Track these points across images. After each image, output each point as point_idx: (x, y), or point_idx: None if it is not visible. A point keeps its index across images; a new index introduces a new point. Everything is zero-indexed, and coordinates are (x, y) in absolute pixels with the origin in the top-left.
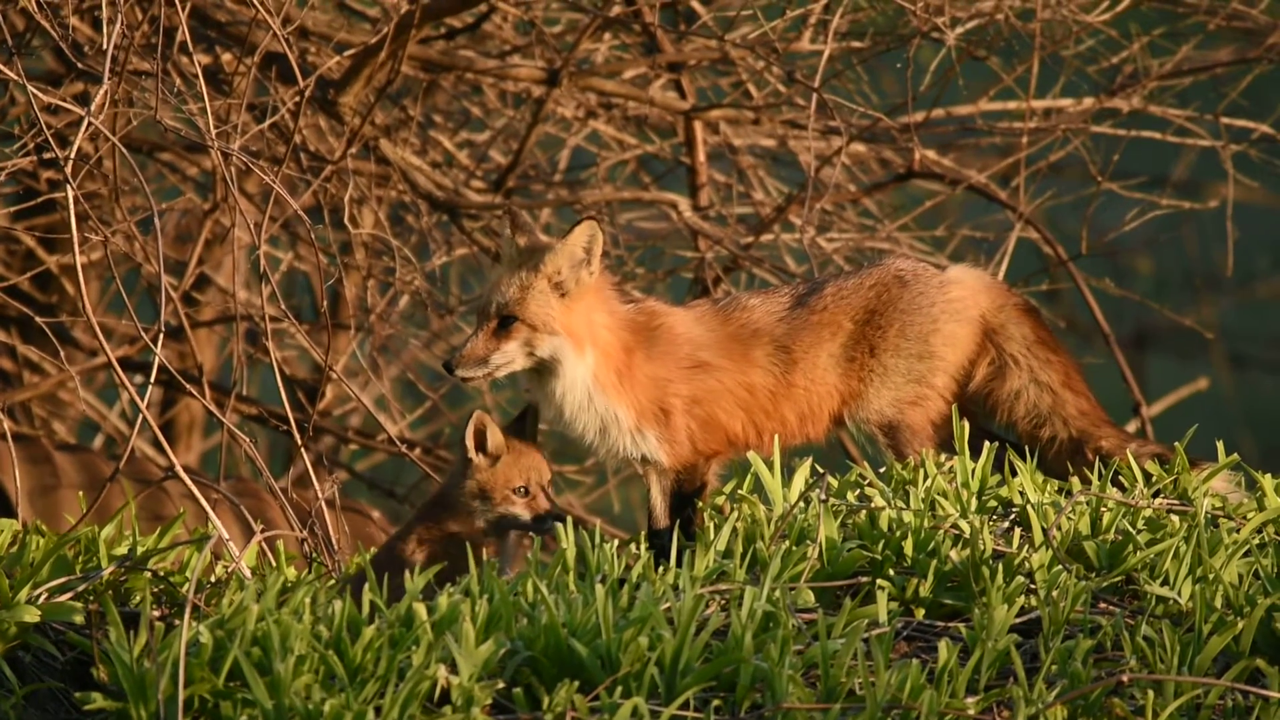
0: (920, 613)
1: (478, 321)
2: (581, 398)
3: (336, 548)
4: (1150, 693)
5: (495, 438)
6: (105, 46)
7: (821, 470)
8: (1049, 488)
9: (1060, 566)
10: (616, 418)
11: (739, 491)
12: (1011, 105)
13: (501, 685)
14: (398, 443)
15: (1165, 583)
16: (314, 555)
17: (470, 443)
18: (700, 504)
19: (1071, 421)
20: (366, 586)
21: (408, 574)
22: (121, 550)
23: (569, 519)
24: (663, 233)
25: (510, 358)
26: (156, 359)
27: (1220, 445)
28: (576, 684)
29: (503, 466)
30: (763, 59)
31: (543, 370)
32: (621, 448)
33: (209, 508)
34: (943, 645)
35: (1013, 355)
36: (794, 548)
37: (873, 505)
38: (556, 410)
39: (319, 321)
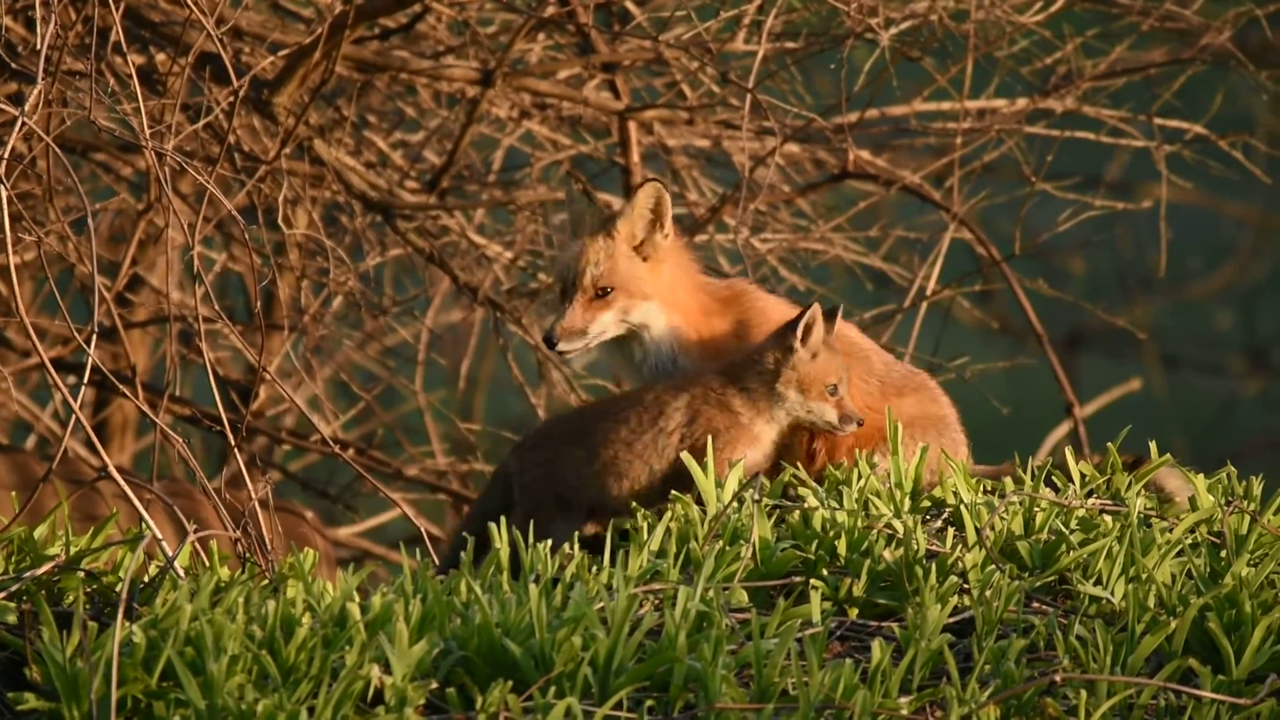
0: (854, 612)
1: (562, 295)
2: (665, 361)
3: (270, 548)
4: (1083, 692)
5: (819, 333)
6: (39, 46)
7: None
8: (982, 488)
9: (993, 566)
10: None
11: (672, 491)
12: (945, 106)
13: (435, 685)
14: (331, 443)
15: (1098, 582)
16: (247, 555)
17: (800, 331)
18: None
19: None
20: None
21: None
22: (54, 550)
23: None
24: None
25: (605, 327)
26: (90, 359)
27: (1153, 445)
28: (510, 684)
29: (823, 361)
30: (697, 59)
31: (633, 336)
32: None
33: (142, 508)
34: (876, 645)
35: None
36: (728, 548)
37: (806, 505)
38: (637, 375)
39: (253, 322)
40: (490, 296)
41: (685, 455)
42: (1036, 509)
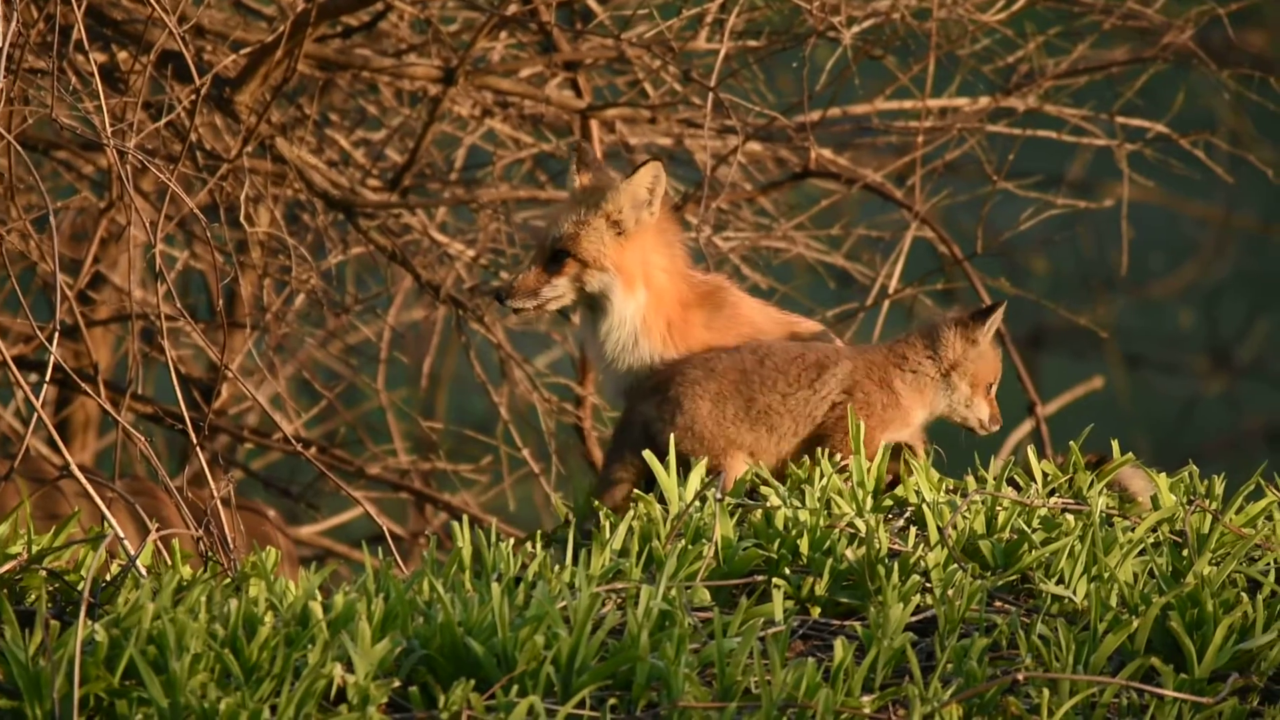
0: (816, 611)
1: (534, 255)
2: (626, 338)
3: (232, 546)
4: (1045, 691)
5: (992, 331)
6: (0, 44)
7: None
8: (944, 486)
9: (956, 565)
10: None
11: (634, 490)
12: (907, 104)
13: (397, 684)
14: (293, 441)
15: (1060, 581)
16: (210, 554)
17: (987, 327)
18: None
19: None
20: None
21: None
22: (16, 549)
23: (465, 518)
24: None
25: (559, 292)
26: (52, 358)
27: (1115, 444)
28: (472, 682)
29: (990, 359)
30: (659, 58)
31: (594, 308)
32: None
33: (104, 506)
34: (839, 644)
35: None
36: (690, 546)
37: (769, 504)
38: (599, 350)
39: (215, 320)
40: (452, 295)
41: (647, 453)
42: (999, 508)
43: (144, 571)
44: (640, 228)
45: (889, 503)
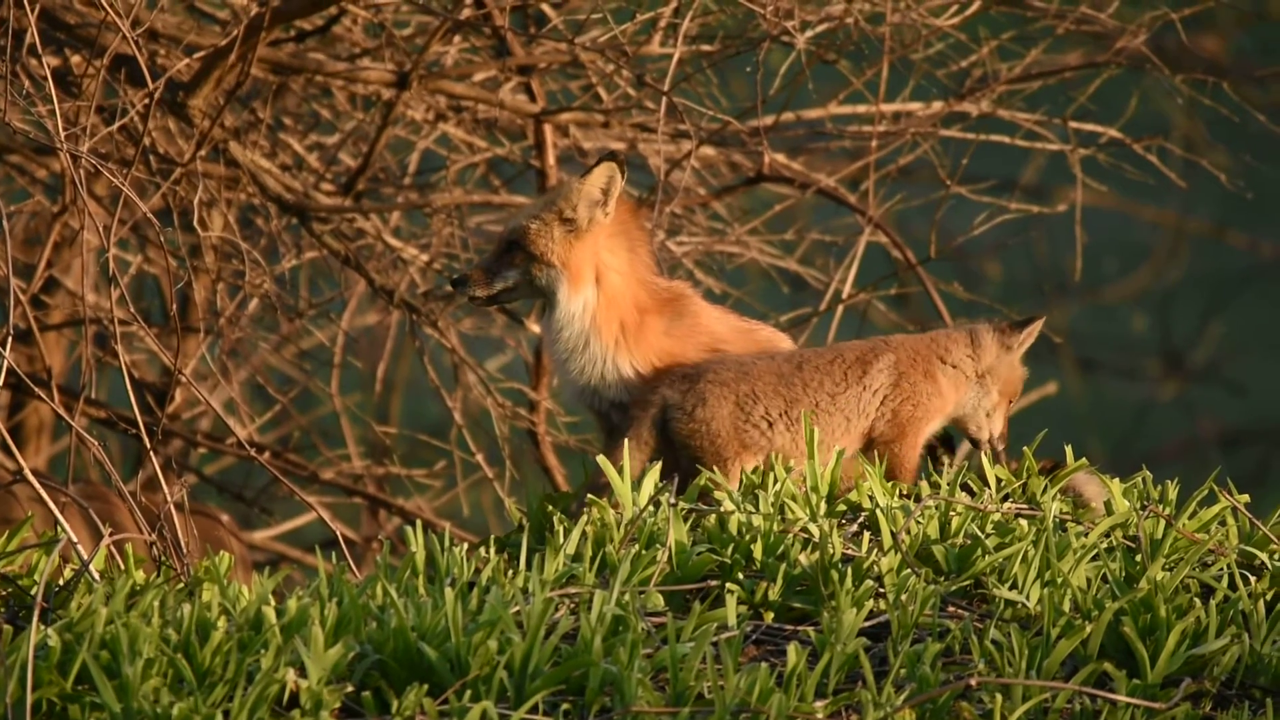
0: (769, 616)
1: (493, 247)
2: (576, 338)
3: (185, 551)
4: (998, 696)
5: (1027, 343)
6: None
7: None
8: (897, 491)
9: (909, 570)
10: (619, 370)
11: (588, 495)
12: (861, 109)
13: (350, 689)
14: (247, 446)
15: (1014, 586)
16: (163, 559)
17: (1024, 337)
18: None
19: None
20: None
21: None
22: None
23: (418, 523)
24: None
25: (509, 282)
26: (4, 362)
27: (1069, 449)
28: (426, 687)
29: (1018, 374)
30: (613, 62)
31: (547, 303)
32: (625, 401)
33: (57, 511)
34: (792, 649)
35: None
36: (643, 551)
37: (722, 509)
38: (554, 349)
39: (168, 325)
40: (406, 299)
41: (601, 459)
42: (952, 513)
43: (97, 576)
44: (594, 227)
45: (842, 507)
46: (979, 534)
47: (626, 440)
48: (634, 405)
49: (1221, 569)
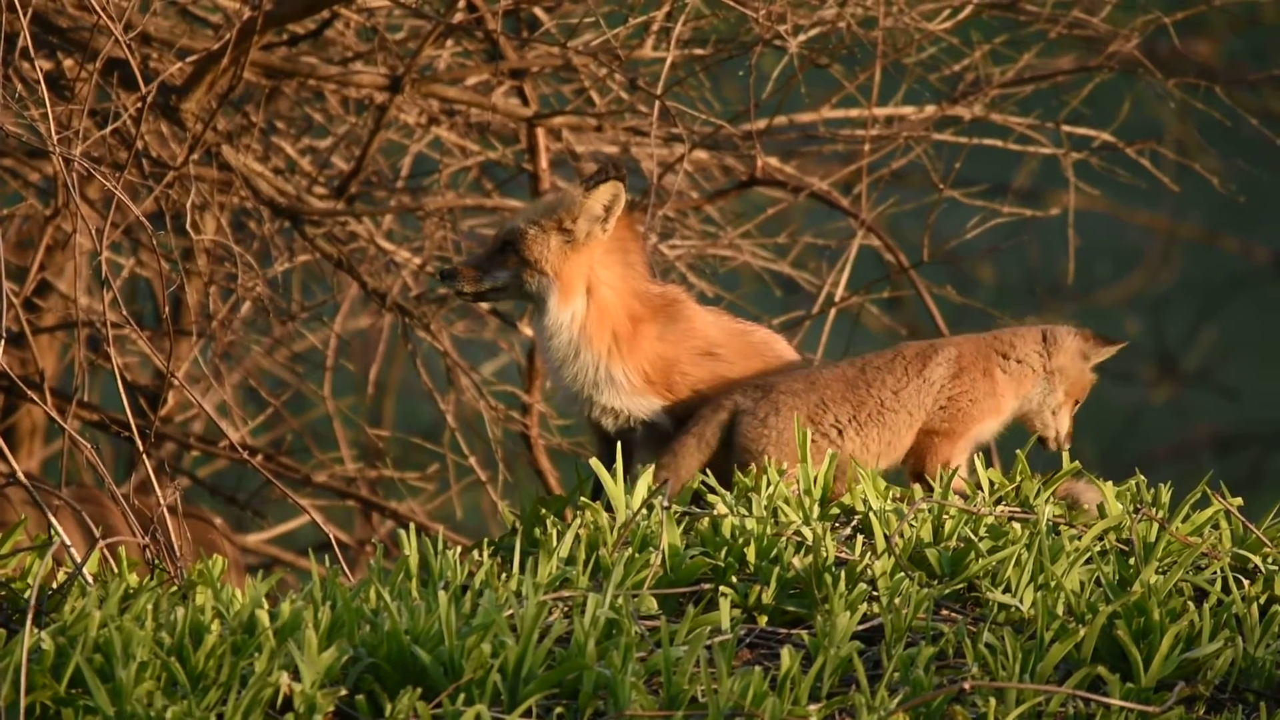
0: (763, 620)
1: (488, 244)
2: (566, 348)
3: (178, 554)
4: (992, 700)
5: (1103, 358)
6: None
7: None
8: (891, 495)
9: (902, 574)
10: (612, 378)
11: (581, 498)
12: (854, 113)
13: (344, 692)
14: (239, 449)
15: (1007, 590)
16: (156, 562)
17: (1094, 341)
18: None
19: None
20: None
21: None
22: None
23: (412, 526)
24: None
25: (499, 282)
26: None
27: (1063, 453)
28: (419, 691)
29: (1088, 380)
30: (605, 66)
31: (536, 308)
32: (619, 408)
33: (51, 514)
34: (785, 652)
35: None
36: (637, 555)
37: (716, 512)
38: (546, 354)
39: (161, 328)
40: (398, 302)
41: (594, 461)
42: (945, 516)
43: (90, 579)
44: (591, 241)
45: (836, 511)
46: (972, 537)
47: (688, 436)
48: (704, 407)
49: (1215, 572)
